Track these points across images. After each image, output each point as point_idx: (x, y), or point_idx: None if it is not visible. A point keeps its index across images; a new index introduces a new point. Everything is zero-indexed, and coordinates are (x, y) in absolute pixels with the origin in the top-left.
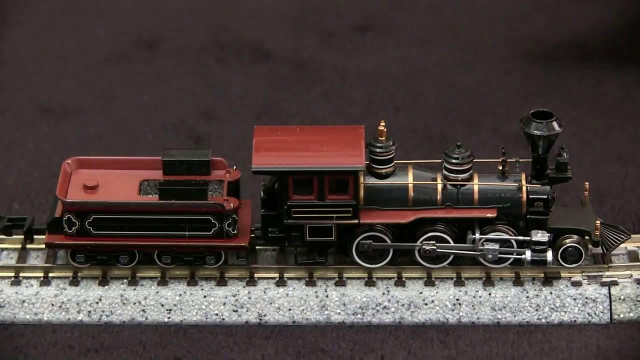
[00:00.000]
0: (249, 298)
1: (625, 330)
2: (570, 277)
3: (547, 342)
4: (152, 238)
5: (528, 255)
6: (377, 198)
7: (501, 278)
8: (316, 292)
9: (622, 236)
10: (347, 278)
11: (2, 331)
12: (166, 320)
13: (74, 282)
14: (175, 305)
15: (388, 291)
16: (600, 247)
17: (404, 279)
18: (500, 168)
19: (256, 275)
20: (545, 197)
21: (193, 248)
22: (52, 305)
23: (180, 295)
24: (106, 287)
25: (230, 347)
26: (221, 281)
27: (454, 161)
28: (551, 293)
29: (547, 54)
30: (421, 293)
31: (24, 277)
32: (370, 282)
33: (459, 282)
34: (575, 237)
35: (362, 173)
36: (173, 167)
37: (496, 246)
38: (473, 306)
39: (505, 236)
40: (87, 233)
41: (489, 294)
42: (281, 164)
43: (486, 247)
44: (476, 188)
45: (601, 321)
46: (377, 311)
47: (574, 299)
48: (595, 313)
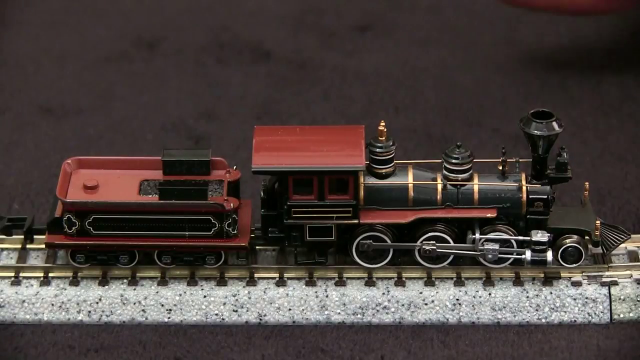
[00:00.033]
0: (249, 298)
1: (625, 330)
2: (570, 277)
3: (547, 342)
4: (152, 238)
5: (528, 255)
6: (377, 198)
7: (501, 278)
8: (316, 292)
9: (622, 236)
10: (347, 278)
11: (2, 331)
12: (166, 320)
13: (74, 282)
14: (175, 305)
15: (388, 291)
16: (600, 247)
17: (404, 279)
18: (500, 168)
19: (256, 275)
20: (545, 197)
21: (193, 248)
22: (52, 305)
23: (180, 295)
24: (106, 287)
25: (230, 347)
26: (221, 281)
27: (454, 161)
28: (551, 293)
29: (547, 54)
30: (421, 293)
31: (24, 277)
32: (370, 282)
33: (459, 282)
34: (575, 237)
35: (362, 173)
36: (173, 167)
37: (496, 246)
38: (473, 306)
39: (505, 236)
40: (87, 233)
41: (489, 294)
42: (281, 164)
43: (486, 247)
44: (476, 188)
45: (601, 321)
46: (377, 311)
47: (574, 299)
48: (595, 313)
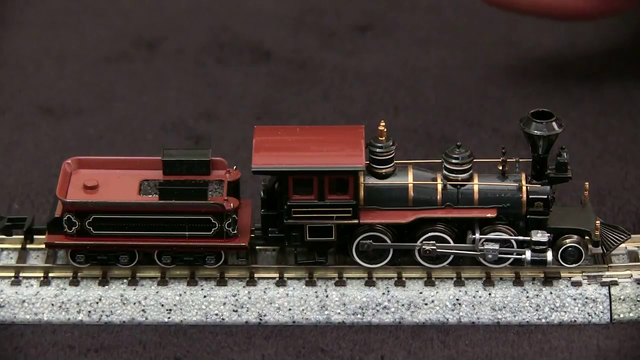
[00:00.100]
0: (249, 298)
1: (625, 330)
2: (570, 277)
3: (547, 342)
4: (152, 238)
5: (528, 255)
6: (377, 198)
7: (501, 278)
8: (316, 292)
9: (622, 236)
10: (347, 278)
11: (2, 331)
12: (166, 320)
13: (74, 282)
14: (175, 305)
15: (388, 291)
16: (600, 247)
17: (404, 279)
18: (500, 168)
19: (256, 275)
20: (545, 197)
21: (193, 248)
22: (52, 305)
23: (180, 295)
24: (106, 287)
25: (230, 347)
26: (221, 281)
27: (454, 161)
28: (551, 293)
29: (547, 54)
30: (421, 293)
31: (24, 277)
32: (370, 282)
33: (459, 282)
34: (575, 237)
35: (362, 173)
36: (173, 167)
37: (496, 246)
38: (473, 306)
39: (505, 236)
40: (87, 233)
41: (489, 294)
42: (281, 164)
43: (486, 247)
44: (476, 188)
45: (601, 321)
46: (377, 311)
47: (574, 299)
48: (595, 313)
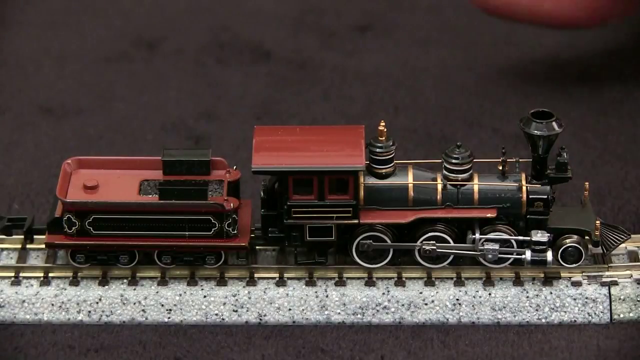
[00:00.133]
0: (249, 298)
1: (625, 330)
2: (570, 277)
3: (547, 342)
4: (152, 238)
5: (528, 255)
6: (377, 198)
7: (501, 278)
8: (316, 292)
9: (622, 236)
10: (347, 278)
11: (2, 331)
12: (166, 320)
13: (74, 282)
14: (175, 305)
15: (388, 291)
16: (600, 247)
17: (404, 279)
18: (500, 168)
19: (256, 275)
20: (545, 197)
21: (193, 248)
22: (52, 305)
23: (180, 295)
24: (106, 287)
25: (230, 347)
26: (221, 281)
27: (454, 161)
28: (551, 293)
29: (547, 54)
30: (421, 293)
31: (24, 277)
32: (370, 282)
33: (459, 282)
34: (575, 237)
35: (362, 173)
36: (173, 167)
37: (496, 246)
38: (473, 306)
39: (505, 236)
40: (87, 233)
41: (489, 294)
42: (281, 164)
43: (486, 247)
44: (476, 188)
45: (601, 321)
46: (377, 311)
47: (574, 299)
48: (595, 313)
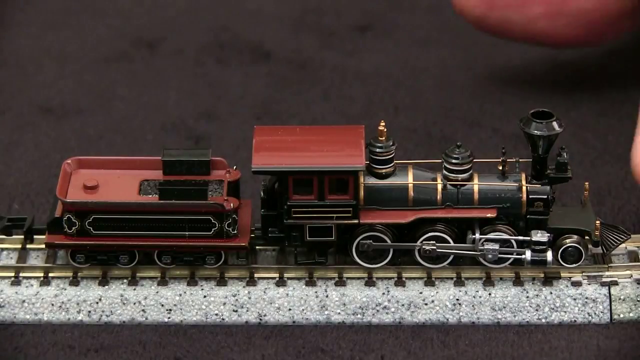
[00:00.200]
0: (249, 298)
1: (625, 330)
2: (570, 277)
3: (547, 342)
4: (152, 238)
5: (528, 255)
6: (377, 198)
7: (501, 278)
8: (316, 292)
9: (622, 236)
10: (347, 278)
11: (2, 331)
12: (166, 320)
13: (74, 282)
14: (175, 305)
15: (388, 291)
16: (600, 247)
17: (404, 279)
18: (500, 168)
19: (256, 275)
20: (545, 197)
21: (193, 248)
22: (52, 305)
23: (180, 295)
24: (106, 287)
25: (230, 347)
26: (221, 281)
27: (454, 161)
28: (551, 293)
29: (547, 54)
30: (421, 293)
31: (24, 277)
32: (370, 282)
33: (459, 282)
34: (575, 237)
35: (362, 173)
36: (173, 167)
37: (496, 246)
38: (473, 306)
39: (505, 236)
40: (87, 233)
41: (489, 294)
42: (281, 164)
43: (486, 247)
44: (476, 188)
45: (601, 321)
46: (377, 311)
47: (574, 299)
48: (595, 313)
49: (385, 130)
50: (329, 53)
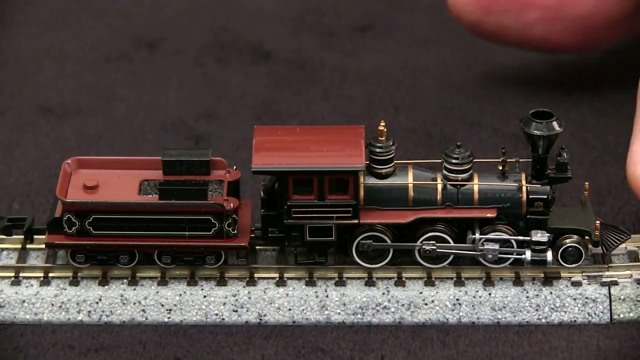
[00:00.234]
0: (249, 298)
1: (625, 330)
2: (570, 277)
3: (547, 342)
4: (152, 238)
5: (528, 255)
6: (377, 198)
7: (501, 278)
8: (316, 292)
9: (622, 236)
10: (347, 278)
11: (2, 331)
12: (166, 320)
13: (74, 282)
14: (175, 305)
15: (388, 291)
16: (600, 247)
17: (404, 279)
18: (500, 168)
19: (256, 275)
20: (545, 197)
21: (193, 248)
22: (52, 305)
23: (180, 295)
24: (106, 287)
25: (230, 347)
26: (221, 281)
27: (454, 161)
28: (551, 293)
29: (547, 54)
30: (421, 293)
31: (24, 277)
32: (370, 282)
33: (459, 282)
34: (575, 237)
35: (362, 173)
36: (173, 167)
37: (496, 246)
38: (473, 306)
39: (505, 236)
40: (87, 233)
41: (489, 294)
42: (281, 164)
43: (486, 247)
44: (476, 188)
45: (601, 321)
46: (377, 311)
47: (574, 299)
48: (595, 313)
49: (385, 130)
50: (329, 53)
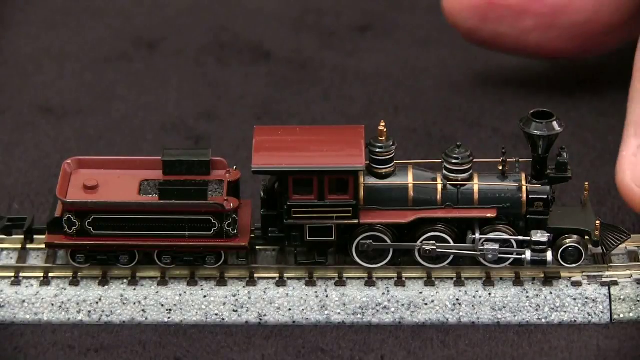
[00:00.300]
0: (249, 298)
1: (625, 330)
2: (570, 277)
3: (547, 342)
4: (152, 238)
5: (528, 255)
6: (377, 198)
7: (501, 278)
8: (316, 292)
9: (622, 236)
10: (347, 278)
11: (2, 331)
12: (166, 320)
13: (74, 282)
14: (175, 305)
15: (388, 291)
16: (600, 247)
17: (404, 279)
18: (500, 168)
19: (256, 275)
20: (545, 197)
21: (193, 248)
22: (52, 305)
23: (180, 295)
24: (106, 287)
25: (230, 347)
26: (221, 281)
27: (454, 161)
28: (551, 293)
29: (544, 60)
30: (421, 293)
31: (24, 277)
32: (370, 282)
33: (459, 282)
34: (575, 237)
35: (362, 173)
36: (173, 167)
37: (496, 246)
38: (473, 306)
39: (505, 236)
40: (87, 233)
41: (489, 294)
42: (281, 164)
43: (486, 247)
44: (476, 188)
45: (601, 321)
46: (377, 311)
47: (574, 299)
48: (595, 313)
49: (385, 130)
50: (329, 53)
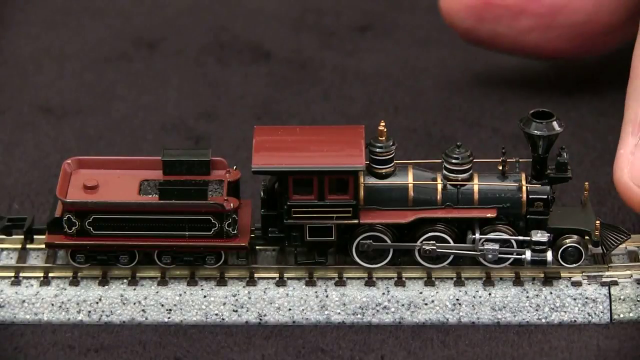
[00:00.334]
0: (249, 298)
1: (625, 330)
2: (570, 277)
3: (547, 342)
4: (152, 238)
5: (528, 255)
6: (377, 198)
7: (501, 278)
8: (316, 292)
9: (622, 236)
10: (347, 278)
11: (2, 331)
12: (166, 320)
13: (74, 282)
14: (175, 305)
15: (388, 291)
16: (600, 247)
17: (404, 279)
18: (500, 168)
19: (256, 275)
20: (545, 197)
21: (193, 248)
22: (52, 305)
23: (180, 295)
24: (106, 287)
25: (230, 347)
26: (221, 281)
27: (454, 161)
28: (551, 293)
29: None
30: (421, 293)
31: (24, 277)
32: (370, 282)
33: (459, 282)
34: (575, 237)
35: (362, 173)
36: (173, 167)
37: (496, 246)
38: (473, 306)
39: (505, 236)
40: (87, 233)
41: (489, 294)
42: (281, 164)
43: (486, 247)
44: (476, 188)
45: (601, 321)
46: (377, 311)
47: (574, 299)
48: (595, 313)
49: (385, 130)
50: (329, 53)
